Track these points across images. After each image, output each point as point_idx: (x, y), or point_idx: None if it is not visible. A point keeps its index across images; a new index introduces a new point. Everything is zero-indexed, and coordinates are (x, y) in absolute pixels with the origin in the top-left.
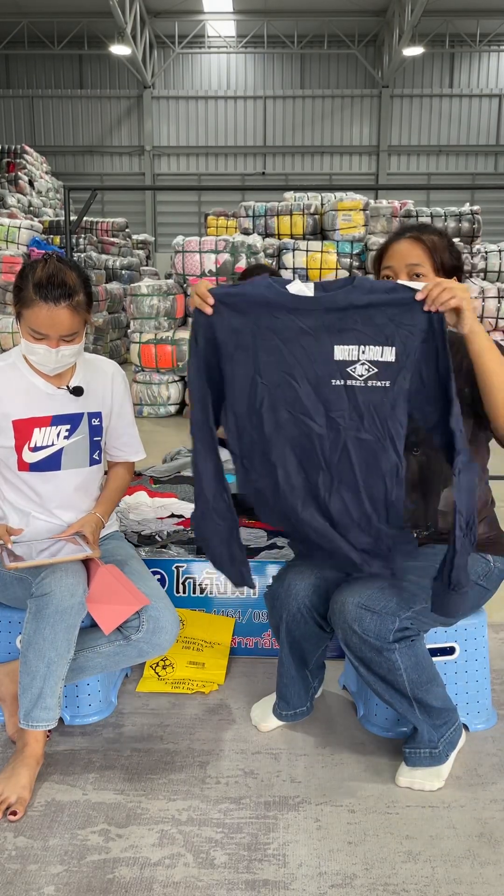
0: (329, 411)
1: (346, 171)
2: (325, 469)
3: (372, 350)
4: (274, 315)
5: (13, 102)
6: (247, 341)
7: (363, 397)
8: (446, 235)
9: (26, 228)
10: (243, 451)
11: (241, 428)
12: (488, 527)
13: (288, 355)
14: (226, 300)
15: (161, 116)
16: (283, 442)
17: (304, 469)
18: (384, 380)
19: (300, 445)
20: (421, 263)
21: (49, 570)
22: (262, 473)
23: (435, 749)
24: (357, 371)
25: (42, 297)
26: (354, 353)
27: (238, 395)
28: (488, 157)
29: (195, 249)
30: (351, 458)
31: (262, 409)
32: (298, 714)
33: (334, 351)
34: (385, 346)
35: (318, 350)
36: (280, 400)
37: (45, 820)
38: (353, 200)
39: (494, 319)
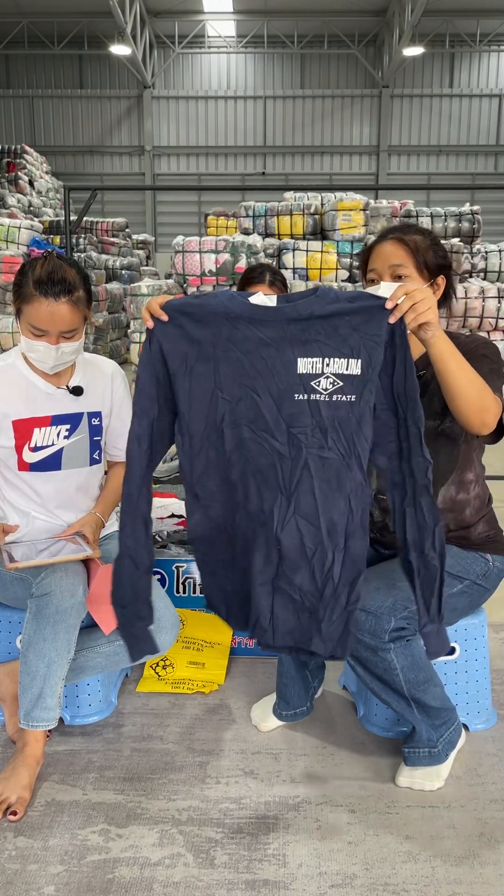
0: (291, 427)
1: (346, 171)
2: (283, 493)
3: (337, 363)
4: (234, 326)
5: (13, 102)
6: (208, 352)
7: (327, 412)
8: (430, 234)
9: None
10: (196, 476)
11: (198, 449)
12: (487, 526)
13: (249, 367)
14: (185, 310)
15: (161, 116)
16: (244, 462)
17: (260, 494)
18: (349, 394)
19: (260, 469)
20: (404, 264)
21: (49, 570)
22: (217, 497)
23: (434, 748)
24: (321, 385)
25: (42, 293)
26: (318, 365)
27: (196, 412)
28: (488, 157)
29: (195, 249)
30: (312, 479)
31: (223, 425)
32: (298, 714)
33: (297, 364)
34: (350, 359)
35: (281, 363)
36: (241, 416)
37: (45, 820)
38: (353, 200)
39: (494, 319)
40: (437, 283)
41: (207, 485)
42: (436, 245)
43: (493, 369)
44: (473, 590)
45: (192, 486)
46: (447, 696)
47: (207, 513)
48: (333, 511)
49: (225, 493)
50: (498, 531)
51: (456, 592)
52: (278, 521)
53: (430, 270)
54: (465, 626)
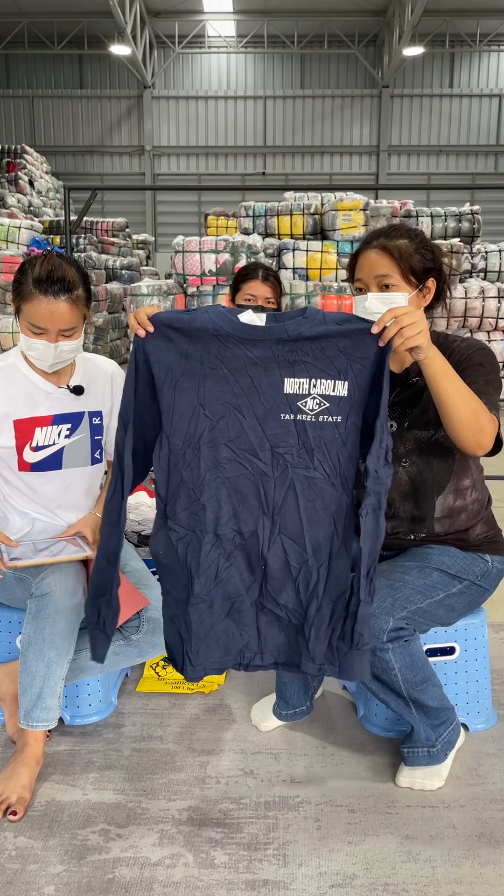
0: (276, 447)
1: (346, 171)
2: (267, 513)
3: (324, 384)
4: (224, 343)
5: (13, 102)
6: (194, 367)
7: (313, 433)
8: (417, 237)
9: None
10: (169, 493)
11: (173, 465)
12: (486, 526)
13: (235, 385)
14: (174, 325)
15: (161, 116)
16: (219, 483)
17: (237, 517)
18: (335, 415)
19: (238, 490)
20: (389, 274)
21: (49, 570)
22: (183, 520)
23: (433, 748)
24: (307, 405)
25: (42, 291)
26: (305, 386)
27: (176, 427)
28: (488, 157)
29: (195, 249)
30: (297, 499)
31: (201, 442)
32: (298, 714)
33: (284, 384)
34: (337, 381)
35: (268, 382)
36: (222, 434)
37: (45, 820)
38: (353, 200)
39: (494, 319)
40: (426, 287)
41: (177, 505)
42: (422, 248)
43: (488, 380)
44: (473, 590)
45: (164, 504)
46: (446, 696)
47: (170, 535)
48: (319, 531)
49: (193, 516)
50: (497, 531)
51: (455, 592)
52: (263, 540)
53: (417, 276)
54: (465, 626)
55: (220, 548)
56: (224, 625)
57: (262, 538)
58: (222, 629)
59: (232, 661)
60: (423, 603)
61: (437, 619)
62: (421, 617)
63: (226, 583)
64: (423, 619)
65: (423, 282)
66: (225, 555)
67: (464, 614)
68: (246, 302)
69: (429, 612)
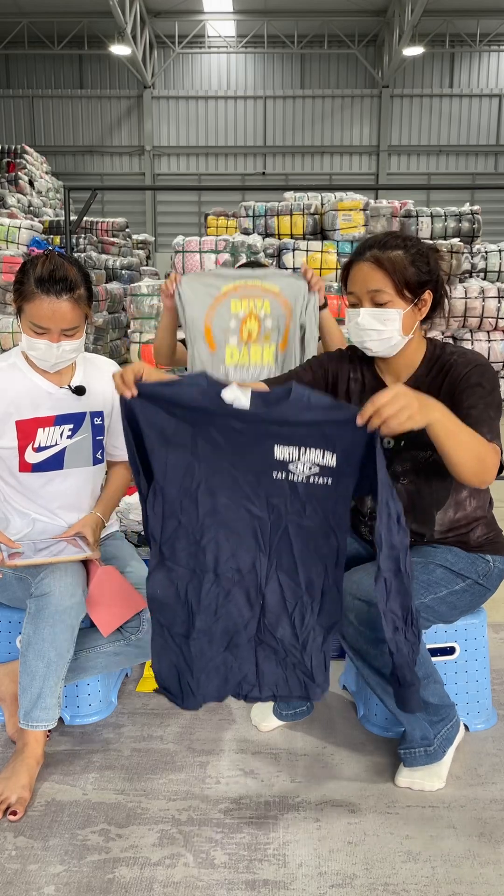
0: (270, 497)
1: (346, 171)
2: (264, 551)
3: (313, 452)
4: (210, 414)
5: (13, 102)
6: (185, 429)
7: (305, 490)
8: (413, 246)
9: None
10: (165, 537)
11: (169, 512)
12: (487, 528)
13: (226, 447)
14: (158, 396)
15: (161, 116)
16: (217, 527)
17: (235, 556)
18: (326, 477)
19: (236, 532)
20: (382, 289)
21: (49, 570)
22: (183, 561)
23: (430, 746)
24: (298, 468)
25: (44, 291)
26: (294, 454)
27: (170, 479)
28: (488, 157)
29: (195, 249)
30: (291, 542)
31: (199, 491)
32: (298, 714)
33: (274, 450)
34: (326, 451)
35: (257, 448)
36: (218, 485)
37: (45, 820)
38: (353, 200)
39: (494, 319)
40: (422, 300)
41: (175, 547)
42: (418, 259)
43: (488, 402)
44: (475, 589)
45: (160, 546)
46: (446, 694)
47: (170, 575)
48: (311, 571)
49: (193, 557)
50: (497, 532)
51: (458, 590)
52: (261, 576)
53: (413, 290)
54: (465, 625)
55: (219, 585)
56: (223, 657)
57: (259, 574)
58: (221, 661)
59: (231, 690)
60: (426, 598)
61: (439, 615)
62: (424, 612)
63: (225, 618)
64: (426, 614)
65: (418, 295)
66: (224, 592)
67: (464, 613)
68: None
69: (431, 607)
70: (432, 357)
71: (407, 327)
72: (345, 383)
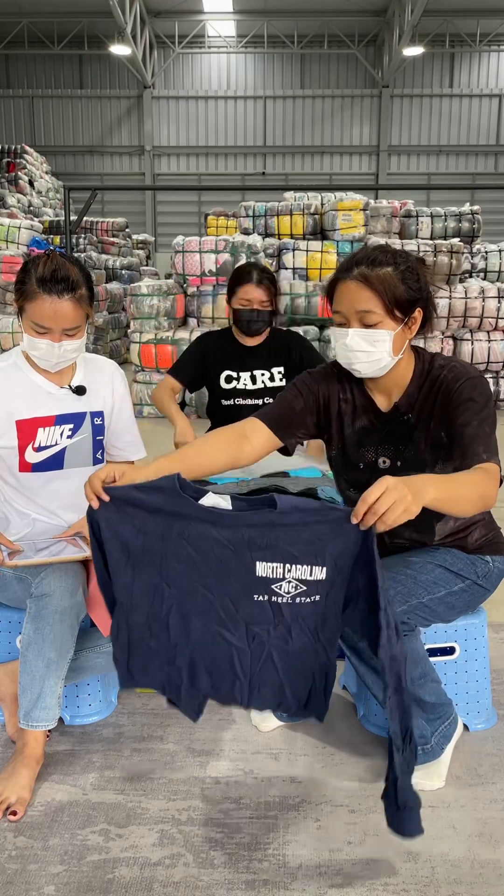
0: (250, 625)
1: (346, 171)
2: (244, 679)
3: (300, 569)
4: (187, 522)
5: (13, 102)
6: (154, 545)
7: (290, 611)
8: (402, 262)
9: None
10: (133, 661)
11: (136, 640)
12: (485, 529)
13: (202, 565)
14: (131, 501)
15: (161, 116)
16: (192, 652)
17: (212, 679)
18: (314, 595)
19: (212, 656)
20: (371, 309)
21: (49, 570)
22: (156, 677)
23: (427, 745)
24: (283, 588)
25: (45, 291)
26: (279, 570)
27: (137, 604)
28: (488, 157)
29: (195, 249)
30: (275, 666)
31: (169, 616)
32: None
33: (256, 567)
34: (314, 566)
35: (238, 564)
36: (191, 609)
37: (45, 820)
38: (353, 200)
39: (494, 319)
40: (412, 318)
41: (149, 667)
42: (408, 275)
43: (482, 418)
44: (474, 590)
45: (126, 667)
46: (444, 692)
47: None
48: (298, 683)
49: (166, 675)
50: (496, 532)
51: (457, 591)
52: (242, 698)
53: (403, 308)
54: (465, 626)
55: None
56: None
57: (240, 698)
58: None
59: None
60: (425, 598)
61: (438, 615)
62: (422, 612)
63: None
64: (424, 614)
65: (409, 314)
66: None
67: (463, 613)
68: (241, 306)
69: (430, 607)
70: (422, 373)
71: (397, 348)
72: (336, 404)
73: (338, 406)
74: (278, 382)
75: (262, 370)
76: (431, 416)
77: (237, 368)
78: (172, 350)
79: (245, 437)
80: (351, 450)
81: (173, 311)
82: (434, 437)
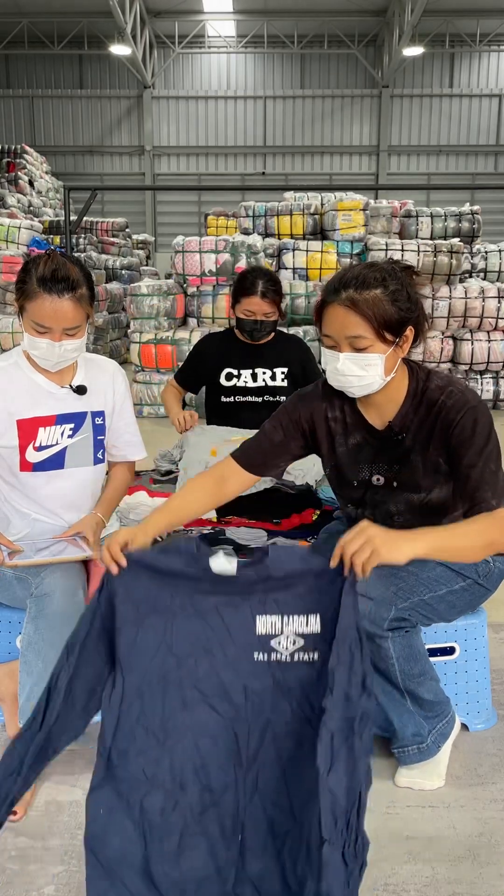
0: (249, 689)
1: (346, 171)
2: (242, 765)
3: (296, 620)
4: (196, 585)
5: (13, 102)
6: (164, 605)
7: (289, 673)
8: (392, 281)
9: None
10: (119, 735)
11: (127, 705)
12: None
13: (205, 627)
14: (145, 564)
15: (161, 116)
16: (185, 730)
17: (206, 770)
18: (311, 651)
19: (209, 735)
20: (362, 335)
21: (49, 570)
22: (139, 769)
23: (423, 743)
24: (281, 644)
25: (46, 290)
26: (277, 624)
27: (136, 663)
28: (488, 157)
29: (195, 249)
30: (275, 748)
31: (166, 682)
32: None
33: (256, 623)
34: (309, 615)
35: (239, 622)
36: (189, 675)
37: (45, 820)
38: (353, 200)
39: (494, 319)
40: (404, 338)
41: (129, 751)
42: (398, 295)
43: (487, 457)
44: (474, 589)
45: (109, 751)
46: (442, 690)
47: (120, 788)
48: (303, 787)
49: (153, 763)
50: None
51: (457, 590)
52: (239, 799)
53: (394, 331)
54: (465, 625)
55: (185, 809)
56: None
57: (237, 796)
58: None
59: None
60: (426, 595)
61: (438, 614)
62: (422, 610)
63: (192, 859)
64: (425, 612)
65: (400, 334)
66: (193, 816)
67: (463, 612)
68: (245, 316)
69: (430, 605)
70: (416, 391)
71: (389, 368)
72: (323, 425)
73: (326, 427)
74: (280, 382)
75: (265, 369)
76: (429, 442)
77: (238, 366)
78: (172, 350)
79: (224, 480)
80: (346, 468)
81: (173, 311)
82: (433, 462)
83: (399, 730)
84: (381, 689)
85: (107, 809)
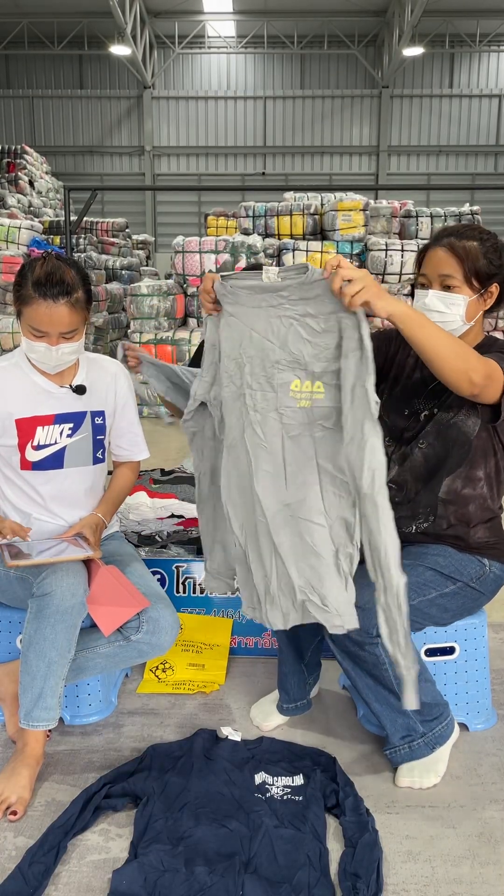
0: (251, 810)
1: (346, 171)
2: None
3: (283, 780)
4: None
5: (13, 102)
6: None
7: (281, 807)
8: (488, 240)
9: (26, 228)
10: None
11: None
12: (490, 532)
13: (215, 782)
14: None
15: (161, 116)
16: (196, 842)
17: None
18: (298, 796)
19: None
20: (452, 274)
21: (50, 570)
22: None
23: (413, 742)
24: (273, 791)
25: (41, 295)
26: (270, 780)
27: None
28: (488, 157)
29: (195, 249)
30: (272, 848)
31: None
32: (300, 707)
33: (255, 778)
34: (294, 776)
35: (242, 779)
36: (202, 805)
37: (45, 820)
38: (353, 200)
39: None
40: (489, 292)
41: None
42: (491, 251)
43: (501, 356)
44: (466, 592)
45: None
46: (438, 692)
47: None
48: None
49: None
50: (499, 540)
51: (448, 593)
52: None
53: (481, 280)
54: (464, 626)
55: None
56: None
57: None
58: None
59: None
60: (415, 601)
61: (430, 618)
62: (413, 614)
63: None
64: (416, 616)
65: (486, 286)
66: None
67: (458, 616)
68: None
69: (421, 609)
70: (481, 349)
71: (470, 315)
72: (403, 354)
73: (405, 356)
74: None
75: None
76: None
77: None
78: (172, 350)
79: None
80: (400, 397)
81: (173, 311)
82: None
83: (391, 734)
84: (376, 696)
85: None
